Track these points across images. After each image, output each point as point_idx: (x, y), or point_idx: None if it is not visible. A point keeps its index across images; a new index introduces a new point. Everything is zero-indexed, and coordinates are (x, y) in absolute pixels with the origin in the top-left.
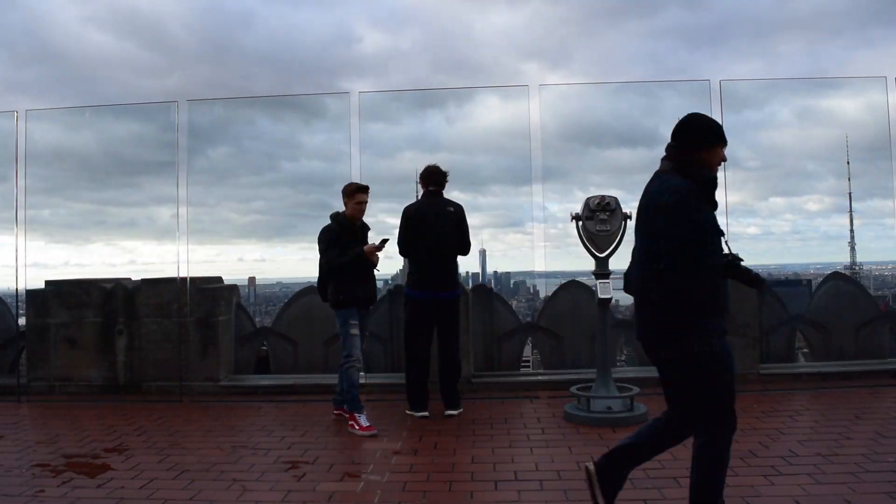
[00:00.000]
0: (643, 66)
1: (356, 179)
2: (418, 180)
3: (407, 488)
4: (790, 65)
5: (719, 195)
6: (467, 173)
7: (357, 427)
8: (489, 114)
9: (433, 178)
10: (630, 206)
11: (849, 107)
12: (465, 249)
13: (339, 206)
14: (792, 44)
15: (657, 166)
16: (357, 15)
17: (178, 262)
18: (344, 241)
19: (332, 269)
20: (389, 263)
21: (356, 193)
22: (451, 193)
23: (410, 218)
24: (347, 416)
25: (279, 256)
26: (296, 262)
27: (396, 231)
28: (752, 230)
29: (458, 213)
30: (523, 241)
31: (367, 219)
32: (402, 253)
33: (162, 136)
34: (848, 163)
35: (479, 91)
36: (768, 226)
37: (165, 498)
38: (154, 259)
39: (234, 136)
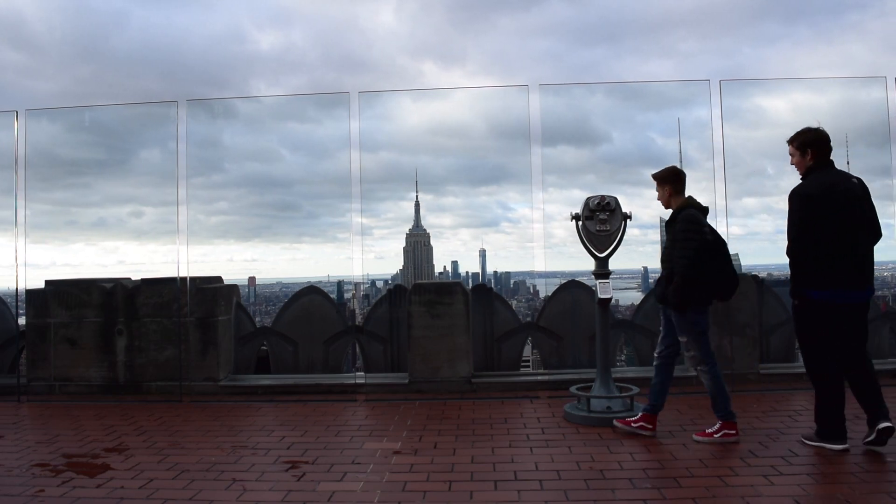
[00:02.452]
0: (545, 65)
1: (355, 180)
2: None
3: (407, 488)
4: (702, 64)
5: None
6: (419, 173)
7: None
8: (409, 116)
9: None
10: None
11: (781, 106)
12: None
13: (304, 206)
14: (688, 41)
15: (605, 164)
16: (242, 15)
17: (178, 262)
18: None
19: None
20: (388, 263)
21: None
22: (410, 195)
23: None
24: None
25: (269, 256)
26: (286, 262)
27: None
28: (735, 230)
29: (861, 185)
30: (506, 242)
31: (334, 218)
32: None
33: (75, 136)
34: (847, 163)
35: (389, 93)
36: (750, 226)
37: (165, 498)
38: (139, 259)
39: (158, 138)
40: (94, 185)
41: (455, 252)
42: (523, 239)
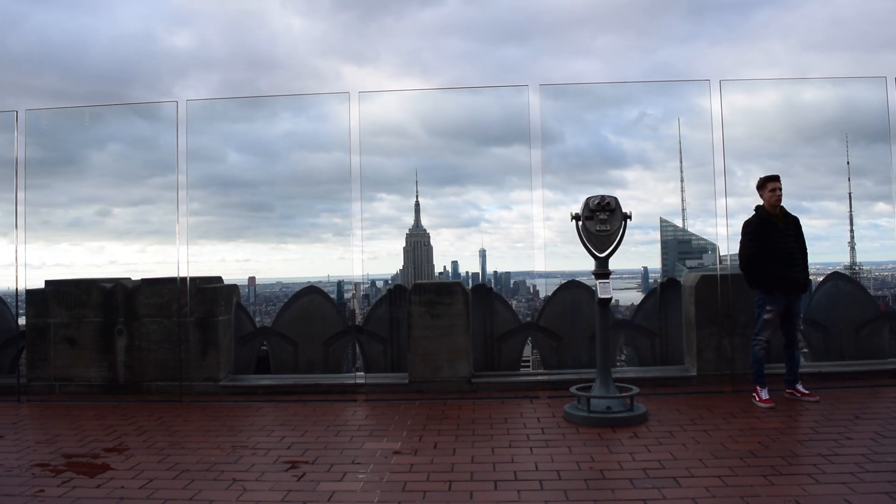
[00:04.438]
0: (465, 65)
1: (356, 178)
2: None
3: (406, 488)
4: (633, 62)
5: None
6: (374, 172)
7: (757, 399)
8: (342, 118)
9: None
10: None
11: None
12: None
13: (276, 206)
14: (599, 39)
15: (560, 164)
16: (144, 15)
17: (178, 262)
18: (768, 232)
19: (750, 262)
20: (386, 263)
21: (767, 183)
22: (379, 195)
23: None
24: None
25: (260, 256)
26: (280, 262)
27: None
28: (720, 230)
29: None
30: (492, 242)
31: (307, 218)
32: None
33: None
34: (848, 163)
35: (318, 95)
36: (736, 227)
37: (165, 498)
38: (127, 259)
39: (93, 139)
40: (53, 186)
41: (444, 253)
42: (508, 239)
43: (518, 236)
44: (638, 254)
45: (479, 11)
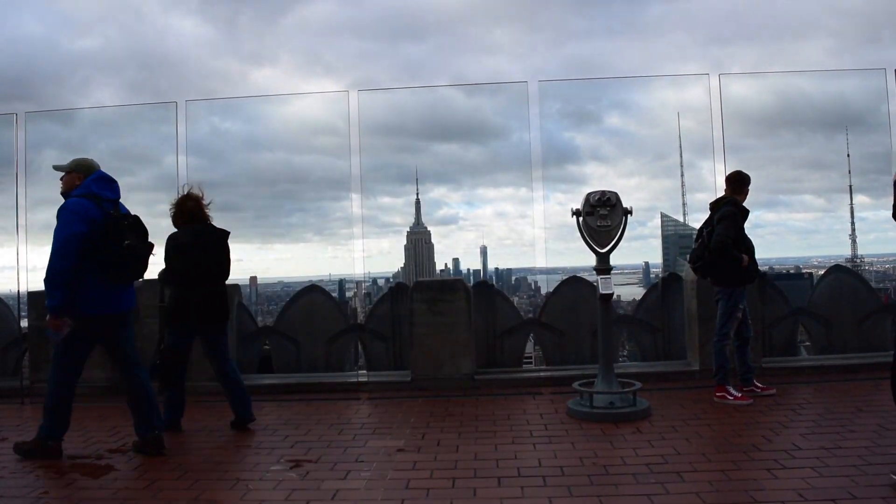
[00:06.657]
0: (371, 64)
1: (355, 178)
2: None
3: (410, 485)
4: (541, 59)
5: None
6: (326, 172)
7: (734, 398)
8: (269, 119)
9: None
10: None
11: (649, 102)
12: None
13: (244, 207)
14: (495, 34)
15: (512, 160)
16: (44, 22)
17: None
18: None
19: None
20: (390, 260)
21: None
22: (344, 194)
23: None
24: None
25: (254, 257)
26: (273, 261)
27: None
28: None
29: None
30: (478, 240)
31: (281, 217)
32: None
33: None
34: (848, 155)
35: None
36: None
37: (169, 498)
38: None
39: (26, 145)
40: (9, 188)
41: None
42: (494, 236)
43: (503, 233)
44: (631, 249)
45: (359, 11)
